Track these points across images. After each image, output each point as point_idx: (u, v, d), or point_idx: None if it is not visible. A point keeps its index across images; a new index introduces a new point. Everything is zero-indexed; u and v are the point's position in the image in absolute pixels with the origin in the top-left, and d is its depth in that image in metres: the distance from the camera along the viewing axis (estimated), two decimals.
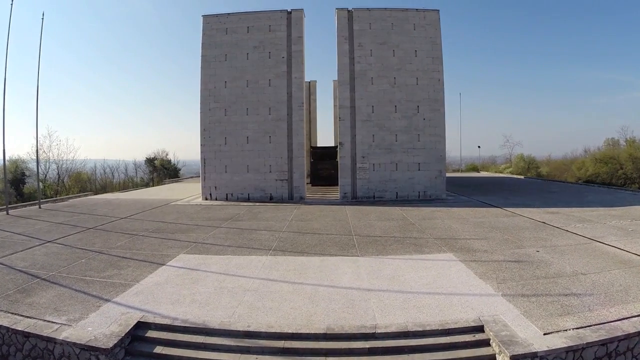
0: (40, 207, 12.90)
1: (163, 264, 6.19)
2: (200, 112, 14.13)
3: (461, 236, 7.97)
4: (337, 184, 18.85)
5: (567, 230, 8.26)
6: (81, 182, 29.15)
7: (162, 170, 35.31)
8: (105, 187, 29.93)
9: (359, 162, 13.65)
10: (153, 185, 28.54)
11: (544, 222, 9.24)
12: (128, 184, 31.97)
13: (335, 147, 21.02)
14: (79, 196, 17.73)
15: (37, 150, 13.01)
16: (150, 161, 34.97)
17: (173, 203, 13.53)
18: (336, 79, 28.84)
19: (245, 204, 13.14)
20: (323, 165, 19.22)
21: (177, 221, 9.97)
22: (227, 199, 13.94)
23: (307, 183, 16.97)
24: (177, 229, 8.94)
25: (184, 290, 5.01)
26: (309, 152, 21.46)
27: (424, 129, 13.84)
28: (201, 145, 14.09)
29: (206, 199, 14.07)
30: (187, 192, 16.94)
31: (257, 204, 13.05)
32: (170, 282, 5.36)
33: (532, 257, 6.42)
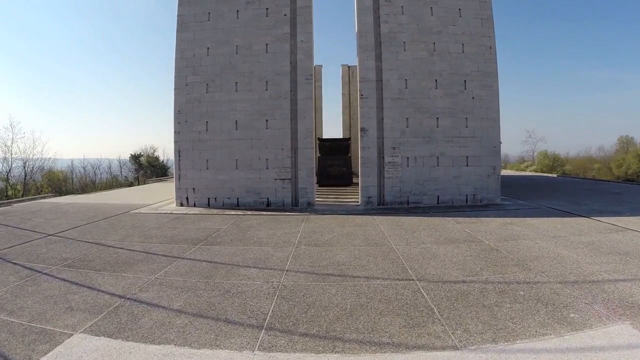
0: None
1: None
2: (175, 89, 10.57)
3: (594, 275, 4.49)
4: (349, 184, 15.42)
5: None
6: (55, 182, 25.85)
7: (148, 168, 32.09)
8: (86, 187, 26.73)
9: (388, 154, 10.11)
10: (138, 185, 25.26)
11: None
12: (112, 184, 28.77)
13: (347, 139, 17.59)
14: (35, 199, 14.34)
15: None
16: (135, 158, 31.71)
17: (136, 210, 10.01)
18: (344, 63, 25.49)
19: (232, 212, 9.61)
20: (333, 161, 15.73)
21: (122, 243, 6.44)
22: (209, 205, 10.41)
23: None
24: (110, 261, 5.41)
25: None
26: (316, 144, 17.97)
27: (473, 110, 10.35)
28: (175, 132, 10.51)
29: (181, 205, 10.53)
30: (164, 195, 13.55)
31: (249, 212, 9.54)
32: None
33: None
